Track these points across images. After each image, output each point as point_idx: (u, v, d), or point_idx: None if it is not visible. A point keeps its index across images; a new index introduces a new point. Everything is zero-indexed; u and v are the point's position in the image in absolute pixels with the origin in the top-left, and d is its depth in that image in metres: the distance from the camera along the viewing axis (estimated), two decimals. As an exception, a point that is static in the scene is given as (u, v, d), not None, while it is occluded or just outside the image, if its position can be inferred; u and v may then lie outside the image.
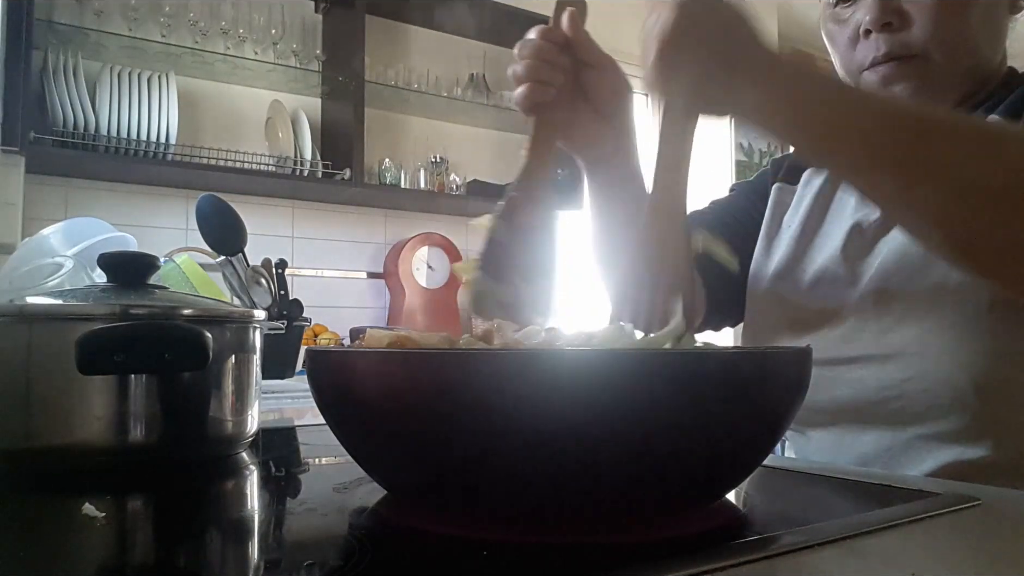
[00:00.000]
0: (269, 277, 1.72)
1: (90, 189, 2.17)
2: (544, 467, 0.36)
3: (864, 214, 0.72)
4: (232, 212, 1.60)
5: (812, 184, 0.79)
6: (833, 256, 0.72)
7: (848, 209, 0.74)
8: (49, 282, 1.18)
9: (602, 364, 0.36)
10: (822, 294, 0.72)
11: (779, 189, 0.83)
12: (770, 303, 0.78)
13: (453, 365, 0.37)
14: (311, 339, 2.26)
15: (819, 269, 0.73)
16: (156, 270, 0.60)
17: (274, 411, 1.05)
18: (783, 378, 0.41)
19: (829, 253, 0.73)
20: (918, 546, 0.36)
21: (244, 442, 0.60)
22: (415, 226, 2.64)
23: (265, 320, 0.64)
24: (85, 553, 0.36)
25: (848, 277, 0.70)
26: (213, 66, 2.27)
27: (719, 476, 0.41)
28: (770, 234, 0.81)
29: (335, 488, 0.49)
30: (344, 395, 0.41)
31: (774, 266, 0.78)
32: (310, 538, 0.38)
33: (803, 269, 0.75)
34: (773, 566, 0.32)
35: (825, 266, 0.73)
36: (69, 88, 1.99)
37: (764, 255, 0.80)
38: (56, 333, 0.52)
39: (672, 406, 0.36)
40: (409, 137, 2.71)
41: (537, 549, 0.34)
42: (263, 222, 2.36)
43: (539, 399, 0.35)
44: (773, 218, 0.82)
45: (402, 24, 2.70)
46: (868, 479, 0.51)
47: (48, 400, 0.52)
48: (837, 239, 0.73)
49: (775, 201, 0.82)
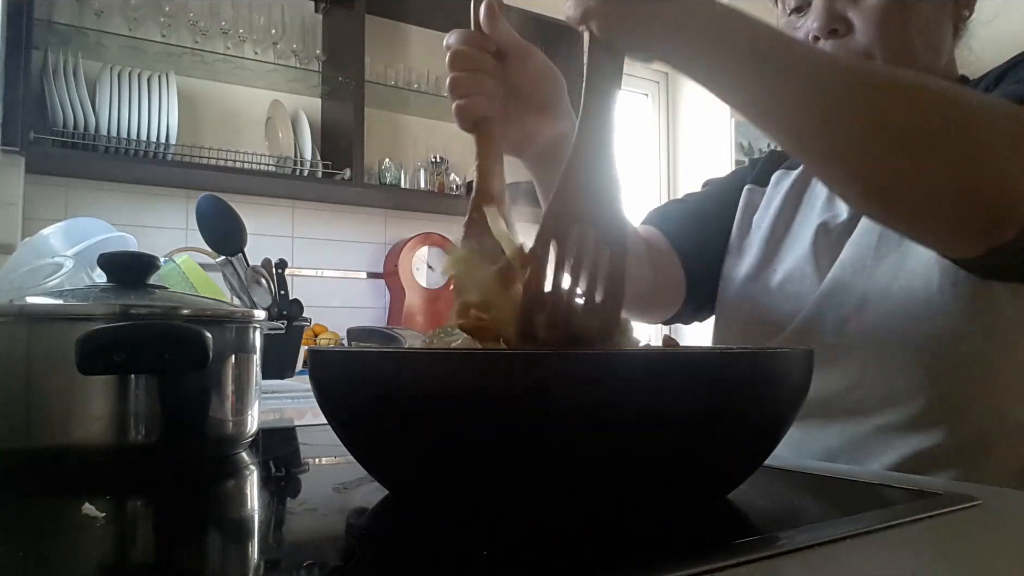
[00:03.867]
0: (269, 277, 1.71)
1: (90, 189, 2.17)
2: (544, 467, 0.36)
3: (831, 215, 0.74)
4: (232, 212, 1.60)
5: (781, 185, 0.81)
6: (802, 256, 0.74)
7: (816, 210, 0.76)
8: (49, 282, 1.18)
9: (603, 364, 0.36)
10: (791, 294, 0.74)
11: (749, 191, 0.85)
12: (740, 303, 0.79)
13: (453, 365, 0.37)
14: (311, 339, 2.26)
15: (788, 270, 0.75)
16: (156, 270, 0.60)
17: (274, 411, 1.05)
18: (786, 379, 0.41)
19: (798, 254, 0.75)
20: (918, 546, 0.36)
21: (244, 442, 0.60)
22: (415, 226, 2.64)
23: (265, 320, 0.64)
24: (85, 553, 0.36)
25: (815, 274, 0.72)
26: (213, 66, 2.27)
27: (719, 476, 0.41)
28: (741, 236, 0.83)
29: (335, 488, 0.49)
30: (346, 394, 0.41)
31: (745, 268, 0.80)
32: (310, 538, 0.38)
33: (773, 270, 0.77)
34: (773, 566, 0.32)
35: (794, 266, 0.75)
36: (69, 88, 1.99)
37: (736, 257, 0.82)
38: (56, 333, 0.52)
39: (673, 406, 0.36)
40: (409, 137, 2.71)
41: (537, 549, 0.34)
42: (263, 222, 2.36)
43: (540, 399, 0.35)
44: (743, 220, 0.83)
45: (402, 24, 2.70)
46: (868, 479, 0.51)
47: (48, 400, 0.52)
48: (806, 240, 0.75)
49: (745, 202, 0.84)
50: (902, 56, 0.69)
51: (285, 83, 2.43)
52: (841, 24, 0.70)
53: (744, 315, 0.79)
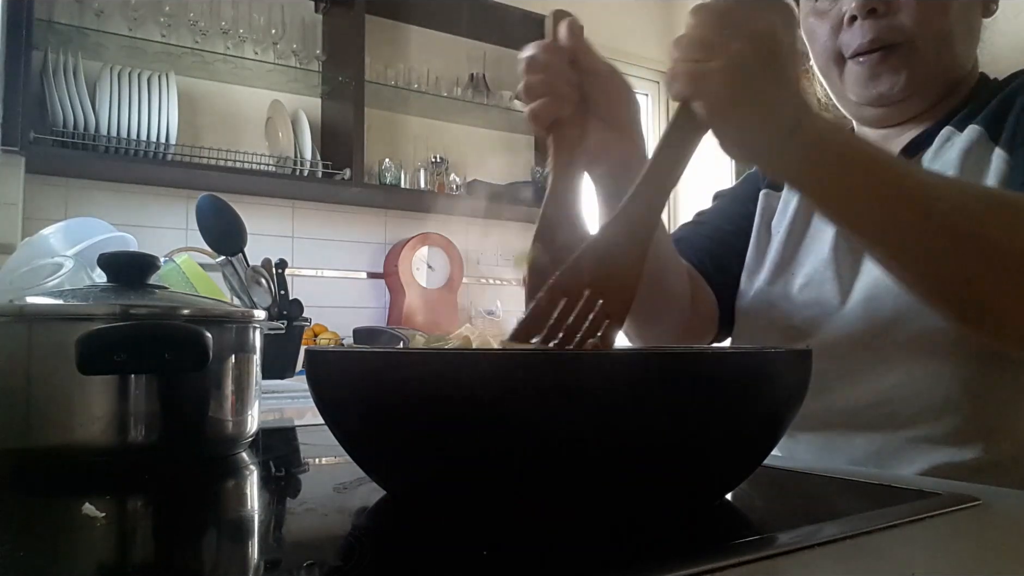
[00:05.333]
0: (269, 277, 1.71)
1: (90, 189, 2.17)
2: (544, 467, 0.36)
3: None
4: (232, 212, 1.60)
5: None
6: (822, 260, 0.72)
7: None
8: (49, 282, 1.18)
9: (603, 365, 0.36)
10: (812, 299, 0.72)
11: (766, 195, 0.83)
12: (761, 309, 0.78)
13: (453, 365, 0.37)
14: (311, 339, 2.26)
15: (808, 273, 0.74)
16: (156, 270, 0.60)
17: (274, 411, 1.05)
18: (783, 379, 0.41)
19: (818, 257, 0.73)
20: (918, 546, 0.36)
21: (244, 442, 0.60)
22: (415, 226, 2.64)
23: (265, 320, 0.64)
24: (85, 553, 0.36)
25: (837, 282, 0.71)
26: (213, 66, 2.27)
27: (719, 476, 0.41)
28: (760, 242, 0.81)
29: (335, 488, 0.49)
30: (343, 395, 0.41)
31: (764, 273, 0.78)
32: (310, 538, 0.38)
33: (792, 273, 0.75)
34: (773, 566, 0.32)
35: (815, 269, 0.73)
36: (69, 88, 1.98)
37: (755, 262, 0.80)
38: (56, 333, 0.52)
39: (672, 406, 0.36)
40: (409, 137, 2.71)
41: (537, 549, 0.34)
42: (263, 222, 2.36)
43: (540, 400, 0.35)
44: (762, 225, 0.81)
45: (402, 24, 2.70)
46: (867, 479, 0.51)
47: (48, 400, 0.52)
48: (825, 243, 0.73)
49: (763, 207, 0.82)
50: (942, 42, 0.68)
51: (285, 83, 2.43)
52: (881, 3, 0.67)
53: (764, 321, 0.77)
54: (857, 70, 0.70)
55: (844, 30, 0.70)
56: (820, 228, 0.75)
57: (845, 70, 0.71)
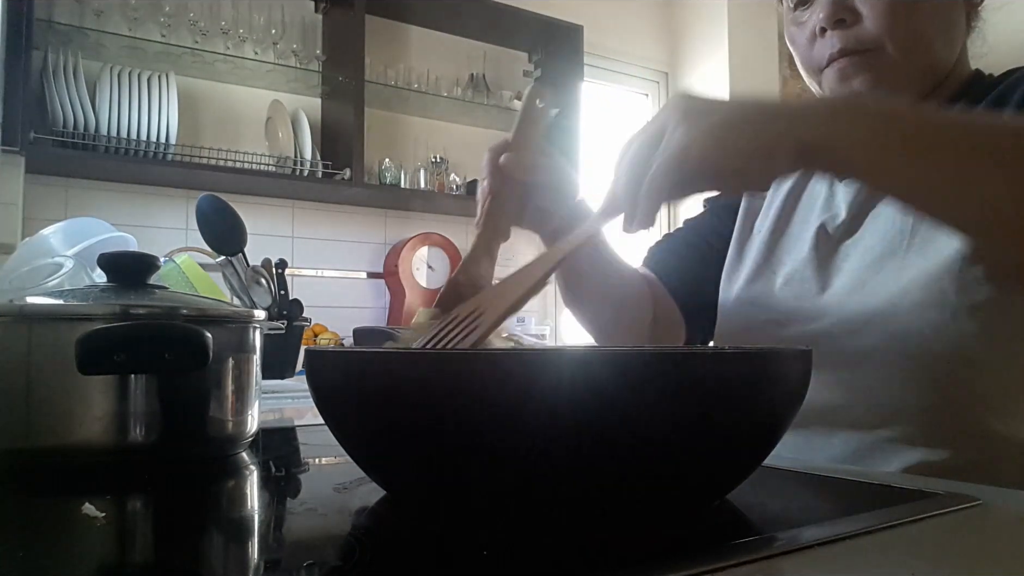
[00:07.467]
0: (269, 277, 1.71)
1: (90, 189, 2.17)
2: (544, 467, 0.36)
3: (830, 216, 0.74)
4: (232, 212, 1.60)
5: (781, 188, 0.81)
6: (802, 258, 0.74)
7: (815, 211, 0.76)
8: (49, 282, 1.18)
9: (602, 365, 0.36)
10: (792, 296, 0.73)
11: (749, 196, 0.84)
12: (741, 305, 0.79)
13: (453, 365, 0.37)
14: (311, 339, 2.26)
15: (789, 271, 0.75)
16: (156, 270, 0.60)
17: (274, 411, 1.05)
18: (784, 378, 0.41)
19: (798, 256, 0.75)
20: (918, 546, 0.36)
21: (244, 442, 0.60)
22: (415, 226, 2.64)
23: (265, 320, 0.64)
24: (85, 553, 0.36)
25: (816, 279, 0.72)
26: (213, 66, 2.27)
27: (719, 476, 0.41)
28: (741, 239, 0.82)
29: (335, 488, 0.49)
30: (343, 395, 0.41)
31: (746, 271, 0.80)
32: (310, 538, 0.38)
33: (773, 271, 0.77)
34: (773, 566, 0.32)
35: (794, 268, 0.74)
36: (69, 88, 1.99)
37: (736, 260, 0.82)
38: (56, 333, 0.52)
39: (672, 406, 0.36)
40: (409, 137, 2.71)
41: (537, 549, 0.34)
42: (263, 222, 2.36)
43: (539, 400, 0.35)
44: (744, 224, 0.83)
45: (402, 24, 2.70)
46: (867, 479, 0.51)
47: (48, 400, 0.52)
48: (805, 241, 0.74)
49: (746, 207, 0.84)
50: (915, 46, 0.68)
51: (285, 83, 2.43)
52: (847, 14, 0.69)
53: (745, 316, 0.78)
54: (831, 75, 0.72)
55: (817, 40, 0.72)
56: (801, 226, 0.76)
57: (823, 77, 0.73)
